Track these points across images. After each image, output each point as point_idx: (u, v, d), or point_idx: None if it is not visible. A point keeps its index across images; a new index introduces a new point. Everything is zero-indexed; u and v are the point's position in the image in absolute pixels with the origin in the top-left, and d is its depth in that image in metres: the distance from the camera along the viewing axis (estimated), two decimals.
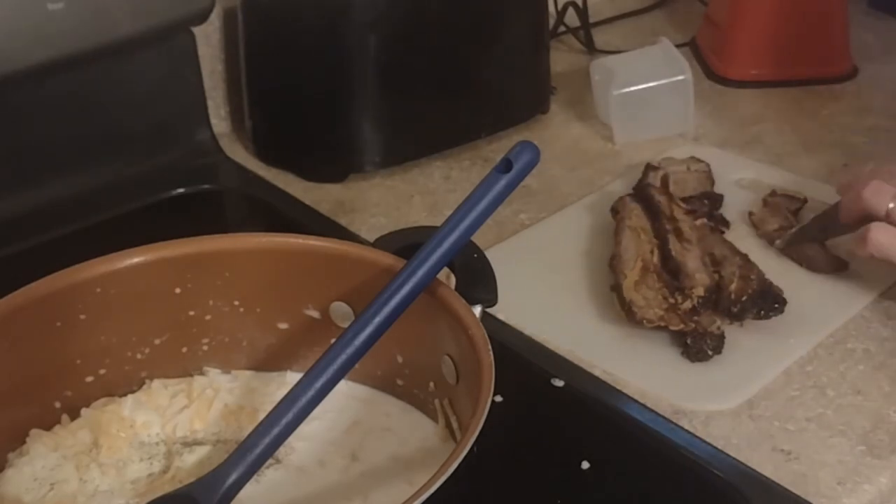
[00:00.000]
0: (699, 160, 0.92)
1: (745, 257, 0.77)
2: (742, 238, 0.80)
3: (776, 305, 0.74)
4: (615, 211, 0.84)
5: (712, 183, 0.90)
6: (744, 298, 0.73)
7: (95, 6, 0.82)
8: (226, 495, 0.52)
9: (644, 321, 0.72)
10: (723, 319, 0.73)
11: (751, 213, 0.87)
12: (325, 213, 0.90)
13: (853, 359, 0.72)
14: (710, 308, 0.73)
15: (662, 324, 0.72)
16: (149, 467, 0.60)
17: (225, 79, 1.03)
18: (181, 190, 0.93)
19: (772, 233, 0.84)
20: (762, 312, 0.74)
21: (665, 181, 0.87)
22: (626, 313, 0.73)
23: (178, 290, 0.64)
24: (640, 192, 0.85)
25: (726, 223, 0.85)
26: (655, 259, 0.76)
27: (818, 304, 0.76)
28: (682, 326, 0.71)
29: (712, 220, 0.84)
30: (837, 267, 0.79)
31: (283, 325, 0.66)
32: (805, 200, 0.87)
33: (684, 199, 0.85)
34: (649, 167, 0.89)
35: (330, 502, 0.58)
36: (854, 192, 0.75)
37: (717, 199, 0.88)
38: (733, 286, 0.74)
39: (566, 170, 0.96)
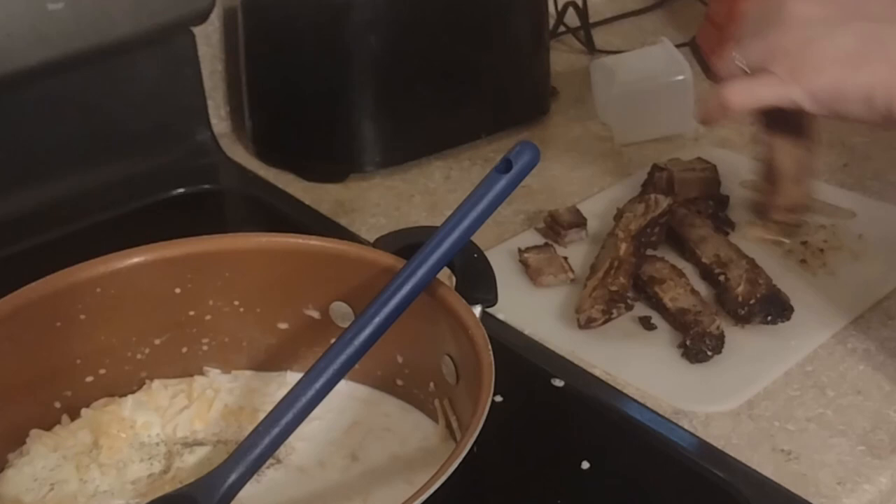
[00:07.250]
0: (706, 161, 0.91)
1: (751, 261, 0.77)
2: (746, 239, 0.80)
3: (784, 312, 0.74)
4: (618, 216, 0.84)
5: (719, 184, 0.89)
6: (751, 302, 0.73)
7: (95, 6, 0.82)
8: (226, 495, 0.52)
9: (591, 324, 0.73)
10: (727, 321, 0.73)
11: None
12: (325, 213, 0.90)
13: (853, 359, 0.72)
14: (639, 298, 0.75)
15: (606, 316, 0.73)
16: (149, 468, 0.60)
17: (225, 79, 1.03)
18: (181, 190, 0.93)
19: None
20: (769, 318, 0.74)
21: (670, 182, 0.86)
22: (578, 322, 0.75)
23: (178, 290, 0.64)
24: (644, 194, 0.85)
25: (731, 224, 0.85)
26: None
27: (819, 305, 0.76)
28: (604, 308, 0.73)
29: (717, 222, 0.84)
30: None
31: (283, 325, 0.66)
32: None
33: (690, 200, 0.85)
34: (655, 168, 0.89)
35: (330, 502, 0.58)
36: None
37: (722, 201, 0.88)
38: (740, 289, 0.74)
39: (566, 170, 0.96)
